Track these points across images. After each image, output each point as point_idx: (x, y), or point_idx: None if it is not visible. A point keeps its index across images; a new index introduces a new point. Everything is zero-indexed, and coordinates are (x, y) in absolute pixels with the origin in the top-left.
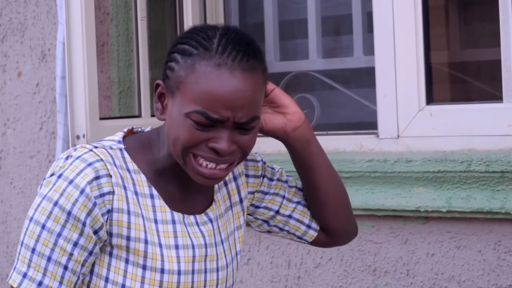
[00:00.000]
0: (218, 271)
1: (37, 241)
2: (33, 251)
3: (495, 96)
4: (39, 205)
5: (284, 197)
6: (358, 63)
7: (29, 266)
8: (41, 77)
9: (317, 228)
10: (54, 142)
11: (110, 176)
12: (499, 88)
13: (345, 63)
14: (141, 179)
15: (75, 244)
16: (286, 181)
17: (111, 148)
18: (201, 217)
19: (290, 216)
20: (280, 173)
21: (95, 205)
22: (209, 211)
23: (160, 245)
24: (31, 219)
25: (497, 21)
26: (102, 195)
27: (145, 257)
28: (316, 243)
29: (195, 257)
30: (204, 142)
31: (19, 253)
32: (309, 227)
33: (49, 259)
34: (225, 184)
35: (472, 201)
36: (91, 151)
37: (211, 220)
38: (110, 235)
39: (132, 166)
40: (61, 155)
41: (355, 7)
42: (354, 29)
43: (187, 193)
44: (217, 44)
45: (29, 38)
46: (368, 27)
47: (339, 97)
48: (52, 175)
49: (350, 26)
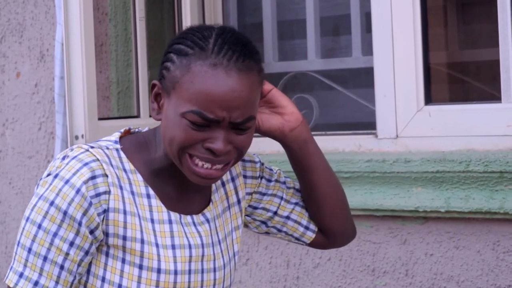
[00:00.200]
0: (215, 271)
1: (33, 241)
2: (30, 251)
3: (494, 96)
4: (35, 205)
5: (282, 198)
6: (356, 63)
7: (25, 266)
8: (40, 78)
9: (315, 229)
10: (52, 142)
11: (106, 176)
12: (498, 88)
13: (344, 63)
14: (138, 179)
15: (71, 243)
16: (284, 182)
17: (108, 148)
18: (198, 217)
19: (288, 217)
20: (278, 174)
21: (90, 204)
22: (206, 211)
23: (156, 245)
24: (28, 219)
25: (495, 21)
26: (98, 195)
27: (142, 256)
28: (314, 244)
29: (191, 257)
30: (199, 142)
31: (16, 253)
32: (307, 228)
33: (45, 259)
34: (223, 184)
35: (471, 201)
36: (87, 151)
37: (208, 220)
38: (106, 235)
39: (128, 166)
40: (58, 155)
41: (354, 7)
42: (352, 29)
43: (184, 193)
44: (213, 44)
45: (27, 38)
46: (366, 27)
47: (338, 97)
48: (48, 175)
49: (348, 26)
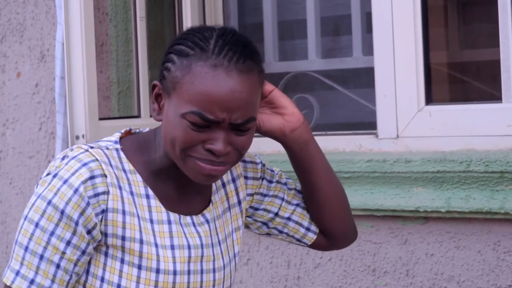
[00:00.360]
0: (214, 272)
1: (30, 239)
2: (26, 249)
3: (494, 96)
4: (33, 204)
5: (283, 199)
6: (357, 63)
7: (22, 264)
8: (40, 78)
9: (316, 231)
10: (53, 142)
11: (105, 176)
12: (498, 88)
13: (344, 63)
14: (137, 179)
15: (68, 243)
16: (285, 183)
17: (107, 148)
18: (198, 218)
19: (289, 218)
20: (279, 175)
21: (88, 204)
22: (206, 212)
23: (155, 245)
24: (26, 218)
25: (496, 21)
26: (96, 195)
27: (140, 257)
28: (315, 246)
29: (190, 257)
30: (200, 143)
31: (13, 251)
32: (308, 229)
33: (41, 257)
34: (223, 185)
35: (471, 201)
36: (86, 151)
37: (208, 221)
38: (105, 235)
39: (128, 166)
40: (58, 155)
41: (354, 7)
42: (353, 29)
43: (184, 194)
44: (213, 45)
45: (28, 38)
46: (367, 27)
47: (338, 97)
48: (48, 175)
49: (349, 26)
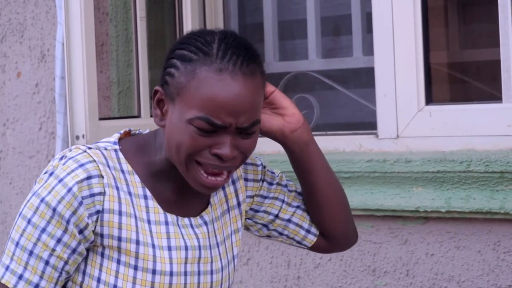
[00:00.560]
0: (212, 273)
1: (21, 235)
2: (17, 244)
3: (495, 96)
4: (28, 201)
5: (283, 201)
6: (357, 63)
7: (12, 259)
8: (41, 78)
9: (317, 233)
10: (53, 142)
11: (102, 177)
12: (499, 88)
13: (345, 63)
14: (135, 180)
15: (58, 240)
16: (285, 185)
17: (106, 149)
18: (196, 220)
19: (289, 220)
20: (280, 177)
21: (81, 204)
22: (204, 214)
23: (152, 246)
24: (20, 214)
25: (496, 21)
26: (92, 195)
27: (137, 257)
28: (315, 248)
29: (187, 258)
30: (206, 148)
31: (6, 247)
32: (308, 231)
33: (31, 253)
34: (223, 187)
35: (471, 201)
36: (84, 152)
37: (206, 222)
38: (101, 236)
39: (126, 167)
40: (56, 156)
41: (355, 7)
42: (353, 29)
43: (183, 196)
44: (216, 49)
45: (28, 38)
46: (367, 27)
47: (339, 97)
48: (45, 173)
49: (349, 26)
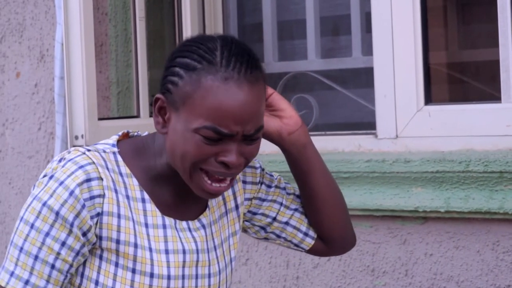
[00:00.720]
0: (210, 277)
1: (25, 240)
2: (21, 250)
3: (494, 96)
4: (29, 205)
5: (281, 204)
6: (356, 63)
7: (16, 265)
8: (40, 78)
9: (315, 236)
10: (52, 142)
11: (101, 179)
12: (498, 88)
13: (344, 63)
14: (133, 183)
15: (63, 243)
16: (284, 188)
17: (105, 151)
18: (194, 223)
19: (287, 223)
20: (278, 180)
21: (83, 207)
22: (202, 217)
23: (150, 249)
24: (21, 219)
25: (495, 22)
26: (92, 198)
27: (135, 260)
28: (313, 251)
29: (185, 262)
30: (212, 156)
31: (8, 252)
32: (306, 234)
33: (36, 258)
34: None
35: (470, 201)
36: (83, 154)
37: (204, 226)
38: (100, 238)
39: (124, 169)
40: (55, 158)
41: (354, 7)
42: (352, 30)
43: (181, 200)
44: (220, 56)
45: (27, 38)
46: (366, 28)
47: (338, 97)
48: (44, 177)
49: (348, 26)
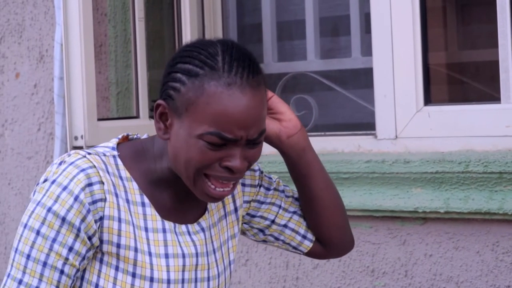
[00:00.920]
0: (209, 280)
1: (32, 247)
2: (28, 257)
3: (493, 97)
4: (33, 212)
5: (280, 207)
6: (356, 64)
7: (24, 272)
8: (39, 78)
9: (313, 238)
10: (52, 143)
11: (102, 183)
12: (497, 89)
13: (343, 64)
14: (133, 187)
15: (70, 249)
16: (283, 191)
17: (105, 154)
18: (193, 227)
19: (285, 225)
20: (277, 182)
21: (89, 211)
22: (201, 220)
23: (149, 254)
24: (26, 226)
25: (495, 22)
26: (94, 202)
27: (135, 265)
28: (311, 254)
29: (185, 266)
30: (217, 161)
31: (14, 260)
32: (304, 237)
33: (44, 264)
34: None
35: (470, 202)
36: (84, 157)
37: (203, 229)
38: (101, 242)
39: (124, 173)
40: (55, 161)
41: (353, 8)
42: (352, 30)
43: (181, 204)
44: (222, 62)
45: (27, 39)
46: (366, 28)
47: (337, 98)
48: (45, 181)
49: (348, 27)
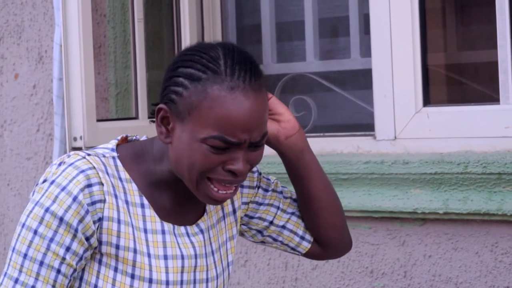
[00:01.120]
0: (207, 281)
1: (29, 246)
2: (25, 256)
3: (492, 98)
4: (31, 211)
5: (278, 208)
6: (355, 65)
7: (20, 271)
8: (38, 79)
9: (311, 239)
10: (51, 144)
11: (102, 184)
12: (496, 90)
13: (342, 65)
14: (133, 188)
15: (68, 248)
16: (281, 192)
17: (104, 156)
18: (192, 228)
19: (284, 226)
20: (275, 184)
21: (87, 212)
22: (200, 222)
23: (148, 255)
24: (23, 225)
25: (494, 23)
26: (93, 203)
27: (134, 266)
28: (309, 255)
29: (184, 267)
30: (220, 165)
31: (10, 259)
32: (302, 238)
33: (41, 264)
34: None
35: (469, 203)
36: (84, 158)
37: (202, 231)
38: (100, 243)
39: (124, 175)
40: (54, 162)
41: (352, 9)
42: (351, 31)
43: (180, 205)
44: (224, 65)
45: (26, 40)
46: (365, 29)
47: (336, 99)
48: (44, 182)
49: (347, 28)
